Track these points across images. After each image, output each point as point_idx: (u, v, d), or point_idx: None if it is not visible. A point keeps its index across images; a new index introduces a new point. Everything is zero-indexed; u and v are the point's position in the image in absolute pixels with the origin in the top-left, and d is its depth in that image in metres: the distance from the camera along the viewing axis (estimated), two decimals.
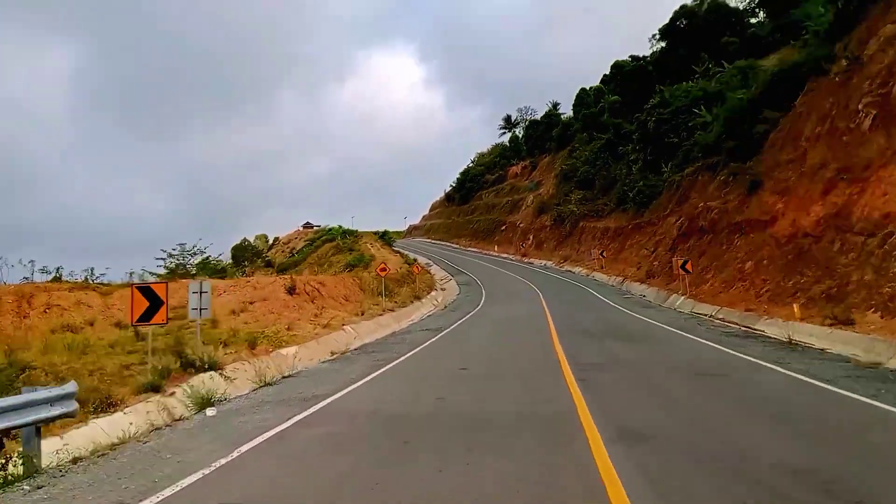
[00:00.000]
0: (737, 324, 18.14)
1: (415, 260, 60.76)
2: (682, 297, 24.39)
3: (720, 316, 19.78)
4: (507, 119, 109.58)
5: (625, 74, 66.45)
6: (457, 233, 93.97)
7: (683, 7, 60.76)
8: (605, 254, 42.66)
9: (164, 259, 26.39)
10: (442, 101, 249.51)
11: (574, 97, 78.10)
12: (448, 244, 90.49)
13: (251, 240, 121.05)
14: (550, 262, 52.86)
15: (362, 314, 19.73)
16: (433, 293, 34.08)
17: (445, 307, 29.39)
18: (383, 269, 25.74)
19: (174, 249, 26.84)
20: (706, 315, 20.70)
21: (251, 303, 16.74)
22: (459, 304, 31.12)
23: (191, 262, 27.79)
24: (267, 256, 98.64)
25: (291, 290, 18.38)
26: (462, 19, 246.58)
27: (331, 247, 76.55)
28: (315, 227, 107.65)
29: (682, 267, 24.30)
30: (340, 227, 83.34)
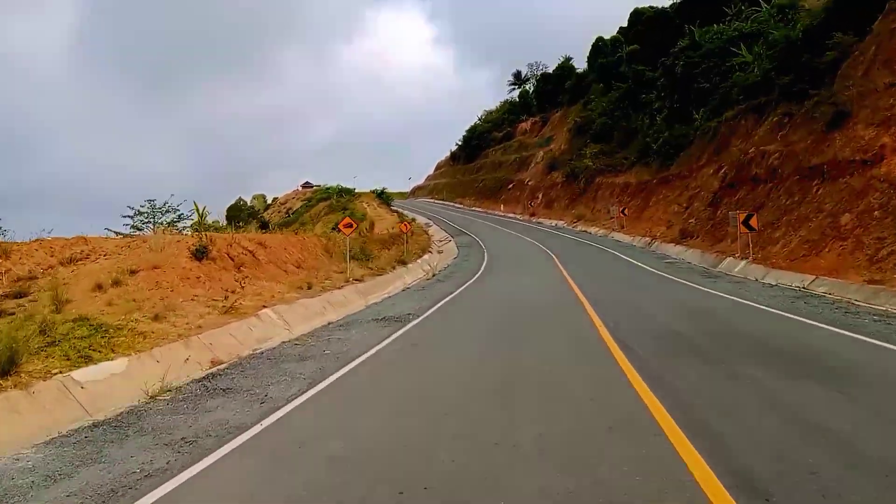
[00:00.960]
0: (860, 302, 12.63)
1: (413, 219, 56.34)
2: (743, 262, 19.75)
3: (823, 289, 14.20)
4: (517, 75, 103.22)
5: (646, 21, 60.66)
6: (461, 192, 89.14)
7: None
8: (626, 211, 38.01)
9: (130, 217, 22.70)
10: (451, 61, 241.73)
11: (589, 48, 72.38)
12: (452, 204, 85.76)
13: (248, 200, 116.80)
14: (562, 222, 48.26)
15: (308, 287, 14.70)
16: (426, 256, 29.64)
17: (435, 275, 23.41)
18: (348, 226, 19.10)
19: (143, 206, 23.18)
20: (797, 287, 15.23)
21: (134, 272, 11.51)
22: (454, 270, 25.39)
23: (161, 220, 24.48)
24: (262, 217, 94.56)
25: (200, 255, 13.20)
26: None
27: (325, 206, 72.20)
28: (314, 187, 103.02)
29: (745, 223, 19.52)
30: (339, 185, 78.79)
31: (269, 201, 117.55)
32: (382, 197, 67.80)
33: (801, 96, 26.14)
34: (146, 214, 23.30)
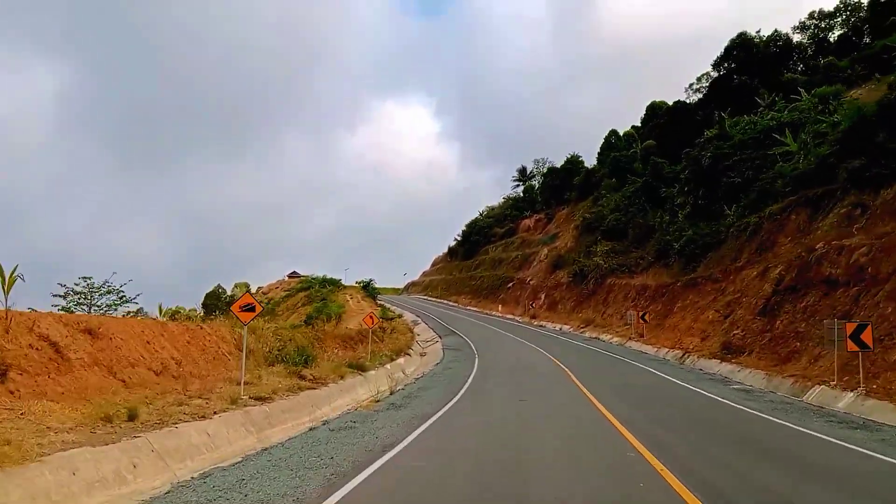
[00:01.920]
0: None
1: (399, 315, 50.15)
2: (850, 394, 13.24)
3: None
4: (522, 171, 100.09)
5: (666, 113, 57.47)
6: (457, 290, 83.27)
7: (742, 35, 52.27)
8: (647, 317, 31.79)
9: (62, 296, 18.75)
10: (455, 157, 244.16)
11: (598, 147, 69.28)
12: (446, 302, 79.68)
13: (228, 288, 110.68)
14: (567, 326, 41.92)
15: (130, 418, 7.79)
16: (400, 360, 23.35)
17: (393, 393, 15.91)
18: (248, 309, 11.50)
19: (77, 284, 19.22)
20: None
21: None
22: (429, 383, 18.42)
23: (98, 301, 19.27)
24: None
25: None
26: (482, 75, 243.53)
27: (304, 296, 66.15)
28: (301, 277, 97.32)
29: (855, 337, 13.05)
30: (323, 276, 73.03)
31: (254, 290, 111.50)
32: (368, 290, 61.94)
33: (877, 181, 20.84)
34: (82, 294, 19.40)
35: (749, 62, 50.65)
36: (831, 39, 52.48)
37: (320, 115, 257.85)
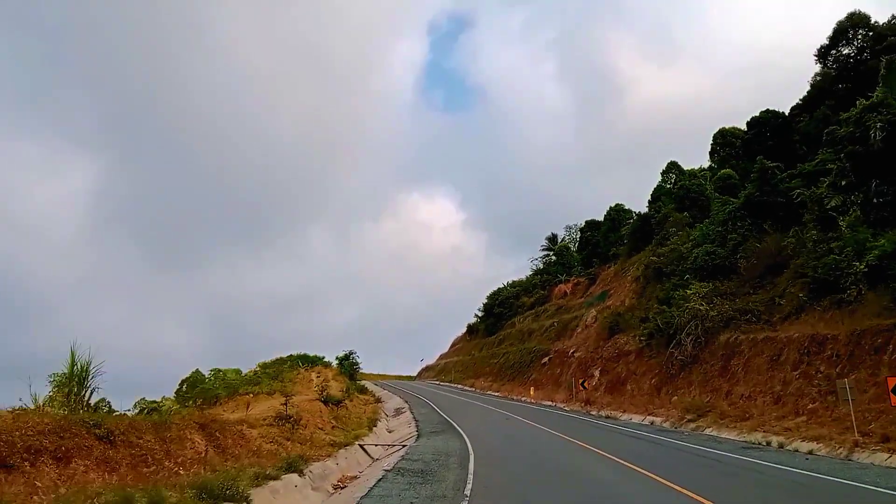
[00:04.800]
0: None
1: (378, 400, 33.70)
2: None
3: None
4: (552, 239, 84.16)
5: (756, 123, 42.13)
6: (475, 371, 65.99)
7: (854, 14, 38.10)
8: None
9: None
10: (480, 248, 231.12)
11: (653, 188, 53.72)
12: (459, 386, 62.32)
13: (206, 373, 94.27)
14: (658, 419, 24.72)
15: None
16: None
17: None
18: None
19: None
20: None
21: None
22: None
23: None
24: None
25: None
26: (506, 168, 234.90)
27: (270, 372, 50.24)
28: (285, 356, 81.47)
29: None
30: (304, 353, 57.65)
31: (245, 373, 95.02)
32: (344, 366, 45.40)
33: None
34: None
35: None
36: None
37: (345, 208, 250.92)
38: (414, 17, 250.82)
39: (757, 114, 43.72)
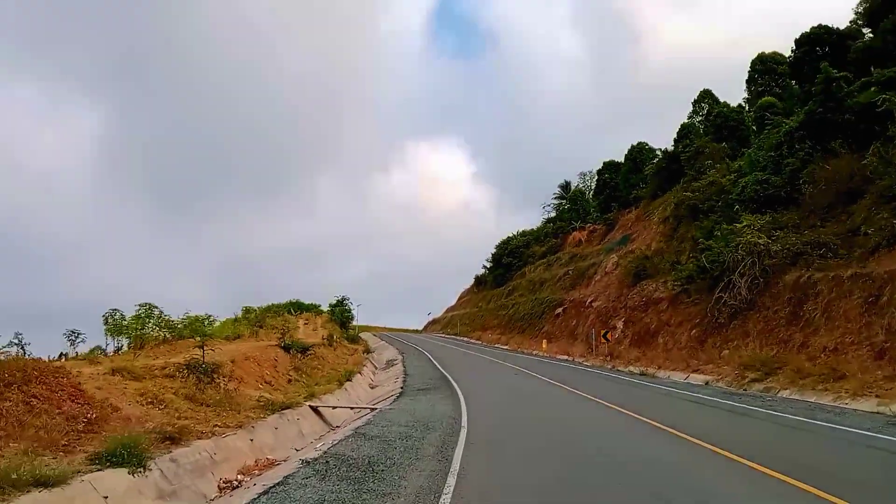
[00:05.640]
0: None
1: (367, 350, 29.70)
2: None
3: None
4: (565, 186, 78.74)
5: (806, 40, 36.29)
6: (482, 324, 61.87)
7: None
8: None
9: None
10: (490, 203, 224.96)
11: (679, 127, 47.95)
12: (466, 339, 58.26)
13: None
14: (699, 375, 20.28)
15: None
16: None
17: None
18: None
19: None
20: None
21: None
22: None
23: None
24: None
25: None
26: (519, 120, 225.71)
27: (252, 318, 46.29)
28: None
29: None
30: (297, 301, 53.73)
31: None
32: (335, 313, 41.16)
33: None
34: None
35: None
36: None
37: (355, 159, 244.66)
38: None
39: (807, 30, 37.81)
